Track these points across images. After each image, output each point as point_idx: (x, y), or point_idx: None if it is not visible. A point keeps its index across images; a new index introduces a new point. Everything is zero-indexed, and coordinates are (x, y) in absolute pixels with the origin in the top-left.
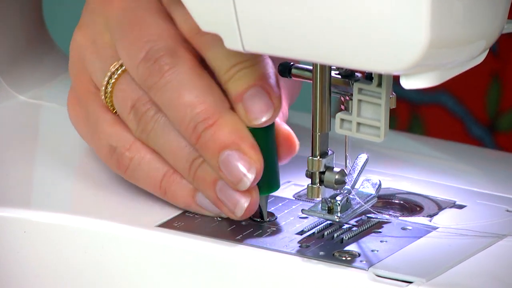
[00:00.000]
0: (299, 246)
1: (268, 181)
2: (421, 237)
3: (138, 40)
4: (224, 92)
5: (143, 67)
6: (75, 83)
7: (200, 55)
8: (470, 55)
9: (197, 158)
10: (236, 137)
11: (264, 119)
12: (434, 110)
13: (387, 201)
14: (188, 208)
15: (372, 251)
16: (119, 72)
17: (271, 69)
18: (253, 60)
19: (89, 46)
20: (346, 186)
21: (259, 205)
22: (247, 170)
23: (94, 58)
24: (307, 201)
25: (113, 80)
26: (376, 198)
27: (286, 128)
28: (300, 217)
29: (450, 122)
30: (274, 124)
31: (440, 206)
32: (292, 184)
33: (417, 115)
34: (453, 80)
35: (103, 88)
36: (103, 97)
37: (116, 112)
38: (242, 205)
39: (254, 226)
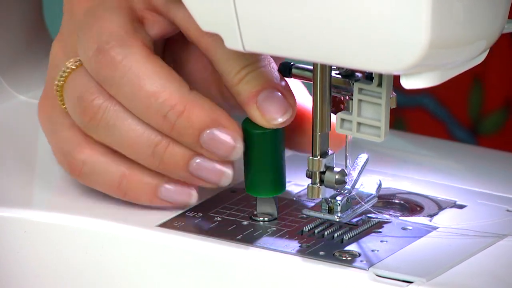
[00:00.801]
0: (300, 246)
1: (274, 182)
2: (422, 237)
3: (92, 35)
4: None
5: (95, 60)
6: (45, 90)
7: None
8: (470, 55)
9: (159, 143)
10: (211, 114)
11: (281, 119)
12: (416, 113)
13: (387, 201)
14: (152, 203)
15: (373, 251)
16: (73, 67)
17: (276, 71)
18: (262, 62)
19: (61, 49)
20: (346, 186)
21: (268, 206)
22: (234, 141)
23: (63, 60)
24: (307, 201)
25: (65, 74)
26: (376, 198)
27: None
28: (300, 217)
29: (433, 125)
30: (283, 127)
31: (440, 206)
32: (292, 184)
33: (400, 118)
34: None
35: (56, 82)
36: (56, 92)
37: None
38: (228, 174)
39: (255, 226)
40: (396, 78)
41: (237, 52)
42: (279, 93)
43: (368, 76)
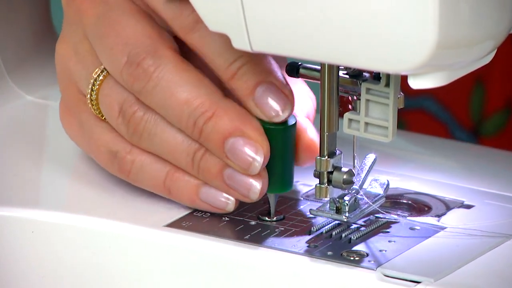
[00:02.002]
0: (307, 246)
1: (281, 180)
2: (429, 237)
3: (116, 44)
4: (215, 82)
5: (127, 73)
6: (64, 94)
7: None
8: (478, 55)
9: (198, 150)
10: (237, 123)
11: (282, 114)
12: (418, 115)
13: (395, 201)
14: (193, 205)
15: (380, 251)
16: (100, 78)
17: (272, 62)
18: (250, 53)
19: (72, 56)
20: (354, 186)
21: (268, 203)
22: (255, 153)
23: (77, 67)
24: (315, 201)
25: (96, 87)
26: (384, 198)
27: (311, 137)
28: (308, 217)
29: (434, 127)
30: (295, 124)
31: (448, 206)
32: (300, 184)
33: (401, 120)
34: None
35: (88, 96)
36: (90, 105)
37: (105, 118)
38: (256, 188)
39: (262, 226)
40: (402, 79)
41: (226, 45)
42: (275, 87)
43: (376, 76)
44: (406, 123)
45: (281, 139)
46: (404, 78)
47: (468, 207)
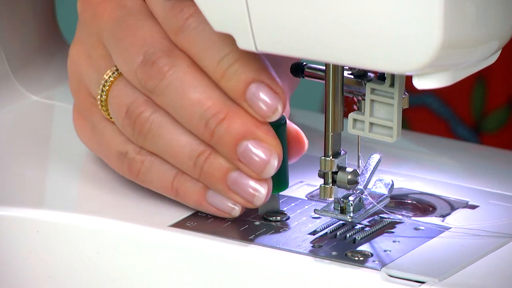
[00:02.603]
0: (312, 246)
1: (277, 180)
2: (434, 237)
3: (132, 45)
4: None
5: (142, 71)
6: (76, 98)
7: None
8: (482, 55)
9: (201, 154)
10: (250, 125)
11: (274, 114)
12: (419, 111)
13: (399, 201)
14: (200, 207)
15: (385, 251)
16: (111, 79)
17: (263, 59)
18: (238, 51)
19: (84, 60)
20: (358, 186)
21: (272, 204)
22: (270, 157)
23: (89, 71)
24: (319, 201)
25: (106, 88)
26: (388, 198)
27: (294, 127)
28: (312, 217)
29: (435, 123)
30: (285, 122)
31: (452, 206)
32: (304, 184)
33: (403, 117)
34: None
35: (98, 97)
36: (100, 106)
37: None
38: (261, 193)
39: (267, 226)
40: (405, 78)
41: (213, 44)
42: (266, 86)
43: (381, 76)
44: (407, 120)
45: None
46: (407, 77)
47: (473, 207)
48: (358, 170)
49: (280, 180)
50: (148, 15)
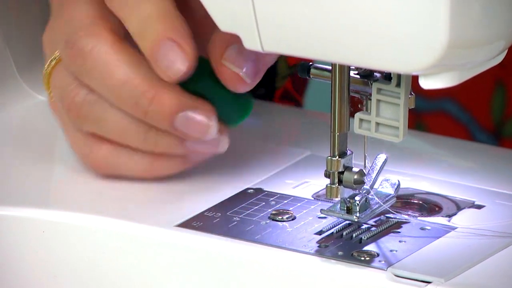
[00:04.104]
0: (318, 246)
1: (233, 107)
2: (440, 237)
3: (60, 27)
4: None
5: (64, 53)
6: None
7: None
8: (489, 55)
9: (149, 130)
10: (180, 98)
11: (178, 72)
12: (438, 117)
13: (406, 201)
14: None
15: (391, 251)
16: (55, 60)
17: (179, 18)
18: (159, 11)
19: (48, 44)
20: (365, 186)
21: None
22: (207, 119)
23: (46, 51)
24: (325, 201)
25: (52, 64)
26: (395, 198)
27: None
28: (318, 217)
29: (455, 129)
30: (205, 59)
31: (459, 206)
32: (311, 184)
33: (421, 122)
34: (457, 87)
35: (43, 71)
36: (44, 80)
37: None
38: (224, 144)
39: (273, 226)
40: (417, 82)
41: (138, 4)
42: (175, 44)
43: (387, 76)
44: (426, 125)
45: (202, 76)
46: (417, 81)
47: (479, 207)
48: (364, 170)
49: (236, 105)
50: None
